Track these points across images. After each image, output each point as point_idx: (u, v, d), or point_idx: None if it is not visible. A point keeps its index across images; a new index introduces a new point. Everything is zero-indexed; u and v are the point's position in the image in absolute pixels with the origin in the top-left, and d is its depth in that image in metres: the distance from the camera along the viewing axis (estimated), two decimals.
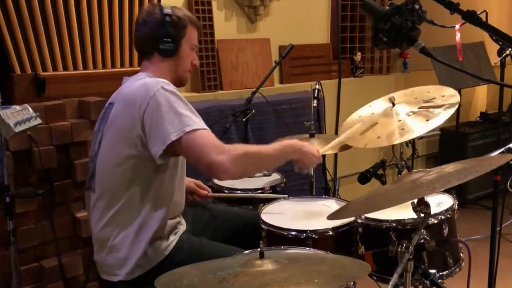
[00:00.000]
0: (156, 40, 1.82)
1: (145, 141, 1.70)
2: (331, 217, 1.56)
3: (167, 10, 1.84)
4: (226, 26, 3.38)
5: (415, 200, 1.48)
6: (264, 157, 1.80)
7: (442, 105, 1.93)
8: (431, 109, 1.95)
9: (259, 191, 2.38)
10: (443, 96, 2.00)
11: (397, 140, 1.90)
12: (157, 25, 1.82)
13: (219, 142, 1.70)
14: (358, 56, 4.03)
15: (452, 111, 1.90)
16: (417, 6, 1.48)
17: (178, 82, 1.93)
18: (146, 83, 1.74)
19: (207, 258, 1.49)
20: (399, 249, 1.46)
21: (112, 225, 1.77)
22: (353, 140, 2.07)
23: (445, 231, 1.84)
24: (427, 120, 1.90)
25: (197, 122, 1.69)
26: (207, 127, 1.72)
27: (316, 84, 2.88)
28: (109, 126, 1.78)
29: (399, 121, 1.98)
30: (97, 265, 1.87)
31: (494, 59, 3.20)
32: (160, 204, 1.78)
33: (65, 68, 2.53)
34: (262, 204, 2.11)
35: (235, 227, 2.11)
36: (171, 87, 1.73)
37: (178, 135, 1.65)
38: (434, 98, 2.01)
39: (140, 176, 1.75)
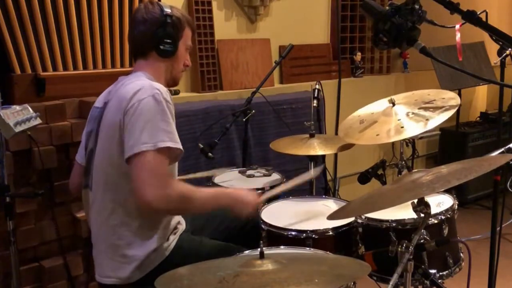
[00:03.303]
0: (155, 40, 1.81)
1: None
2: (331, 217, 1.56)
3: (168, 10, 1.82)
4: (226, 26, 3.38)
5: (415, 200, 1.48)
6: (196, 204, 1.74)
7: (442, 107, 1.94)
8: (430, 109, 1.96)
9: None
10: (443, 98, 2.01)
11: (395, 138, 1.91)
12: (158, 25, 1.80)
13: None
14: (358, 56, 4.03)
15: (451, 112, 1.91)
16: (417, 6, 1.49)
17: (172, 82, 1.93)
18: (142, 85, 1.71)
19: (207, 257, 1.49)
20: (399, 249, 1.46)
21: (108, 226, 1.75)
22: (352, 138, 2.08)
23: (445, 231, 1.84)
24: (426, 120, 1.91)
25: (172, 140, 1.65)
26: (179, 146, 1.68)
27: (316, 84, 2.89)
28: (104, 124, 1.77)
29: (399, 120, 1.99)
30: (94, 263, 1.85)
31: (494, 59, 3.20)
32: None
33: (65, 68, 2.52)
34: (261, 204, 2.11)
35: (235, 225, 2.10)
36: (162, 96, 1.69)
37: (147, 148, 1.61)
38: (434, 100, 2.02)
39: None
